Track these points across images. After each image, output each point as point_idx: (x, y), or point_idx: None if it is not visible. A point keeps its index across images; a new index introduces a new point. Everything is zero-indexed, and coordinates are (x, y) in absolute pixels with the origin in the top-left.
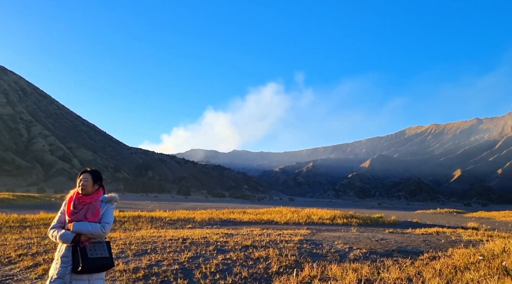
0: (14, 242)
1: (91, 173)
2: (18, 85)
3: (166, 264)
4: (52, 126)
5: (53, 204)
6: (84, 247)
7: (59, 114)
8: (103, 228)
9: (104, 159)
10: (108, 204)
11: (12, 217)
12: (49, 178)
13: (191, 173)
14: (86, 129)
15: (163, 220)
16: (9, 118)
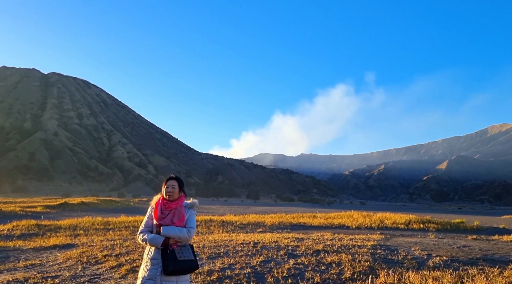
0: (100, 243)
1: (178, 180)
2: (100, 98)
3: (238, 267)
4: (130, 135)
5: (132, 207)
6: (173, 250)
7: (135, 123)
8: (189, 232)
9: (177, 164)
10: (191, 210)
11: (97, 219)
12: (128, 183)
13: (260, 177)
14: (160, 137)
15: (234, 224)
16: (92, 128)
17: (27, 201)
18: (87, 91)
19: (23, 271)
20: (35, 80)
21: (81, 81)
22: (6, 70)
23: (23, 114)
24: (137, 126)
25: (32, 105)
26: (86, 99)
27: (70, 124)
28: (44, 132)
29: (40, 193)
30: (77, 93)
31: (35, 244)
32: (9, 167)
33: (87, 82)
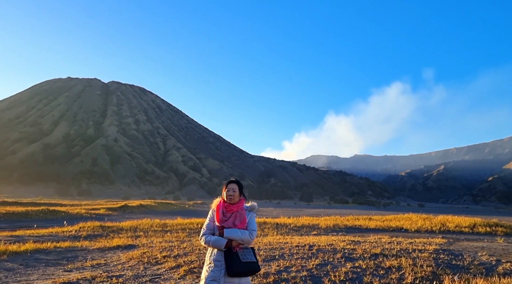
0: (159, 245)
1: (238, 183)
2: (155, 104)
3: (294, 270)
4: (184, 139)
5: (187, 210)
6: (237, 252)
7: (189, 128)
8: (251, 234)
9: (230, 167)
10: (251, 212)
11: (155, 222)
12: (183, 186)
13: (313, 179)
14: (213, 141)
15: (288, 226)
16: (149, 134)
17: (91, 204)
18: (143, 98)
19: (90, 270)
20: (96, 89)
21: (137, 88)
22: (71, 81)
23: (86, 122)
24: (191, 130)
25: (94, 113)
26: (142, 106)
27: (128, 130)
28: (105, 139)
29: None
30: (134, 100)
31: (100, 244)
32: (75, 172)
33: (143, 89)
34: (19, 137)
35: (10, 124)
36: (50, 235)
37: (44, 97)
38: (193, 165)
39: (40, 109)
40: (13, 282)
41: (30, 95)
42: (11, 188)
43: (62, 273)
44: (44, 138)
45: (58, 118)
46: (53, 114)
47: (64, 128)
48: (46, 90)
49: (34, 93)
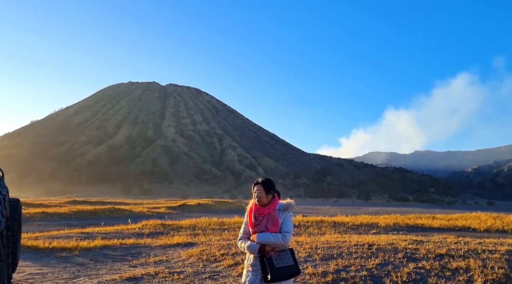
0: (217, 243)
1: (263, 184)
2: (210, 104)
3: (353, 269)
4: (239, 138)
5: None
6: (270, 257)
7: (244, 127)
8: (284, 237)
9: (285, 166)
10: (285, 212)
11: (213, 220)
12: (239, 185)
13: (371, 177)
14: (268, 139)
15: (346, 225)
16: (205, 134)
17: (152, 203)
18: (199, 99)
19: (153, 266)
20: (155, 92)
21: (194, 90)
22: (132, 85)
23: (146, 124)
24: (246, 130)
25: (154, 115)
26: (198, 107)
27: (186, 131)
28: (164, 140)
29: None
30: (190, 101)
31: (161, 241)
32: (137, 172)
33: (199, 90)
34: (86, 140)
35: (78, 128)
36: (116, 232)
37: (108, 102)
38: (248, 164)
39: (105, 113)
40: (84, 276)
41: (95, 100)
42: (81, 187)
43: (127, 268)
44: (109, 141)
45: (120, 121)
46: (116, 117)
47: (126, 130)
48: (109, 95)
49: (99, 98)
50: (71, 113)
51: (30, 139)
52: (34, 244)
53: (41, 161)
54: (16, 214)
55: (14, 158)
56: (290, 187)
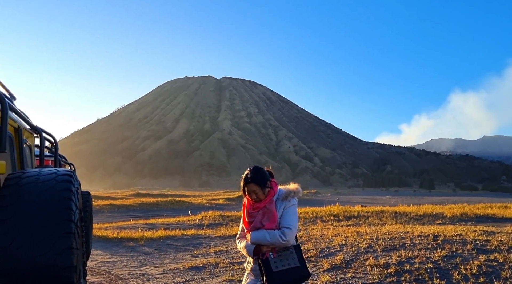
0: None
1: (255, 181)
2: (265, 96)
3: (418, 261)
4: (295, 129)
5: (301, 200)
6: (267, 259)
7: (299, 118)
8: (282, 235)
9: (342, 155)
10: (285, 202)
11: None
12: (296, 176)
13: (434, 165)
14: (324, 129)
15: (408, 215)
16: (261, 126)
17: (211, 194)
18: (254, 91)
19: (214, 256)
20: (210, 86)
21: (248, 82)
22: (188, 80)
23: (203, 118)
24: (301, 120)
25: (210, 108)
26: (253, 99)
27: (242, 123)
28: (220, 133)
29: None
30: (245, 93)
31: (221, 232)
32: (195, 165)
33: (253, 82)
34: (147, 135)
35: (139, 124)
36: (177, 223)
37: (166, 97)
38: (305, 154)
39: (163, 109)
40: (150, 264)
41: (154, 96)
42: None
43: (189, 258)
44: (168, 135)
45: (178, 116)
46: (174, 112)
47: (184, 125)
48: (167, 91)
49: (158, 94)
50: (133, 110)
51: (97, 135)
52: (104, 234)
53: (107, 156)
54: (87, 205)
55: (84, 153)
56: (348, 177)
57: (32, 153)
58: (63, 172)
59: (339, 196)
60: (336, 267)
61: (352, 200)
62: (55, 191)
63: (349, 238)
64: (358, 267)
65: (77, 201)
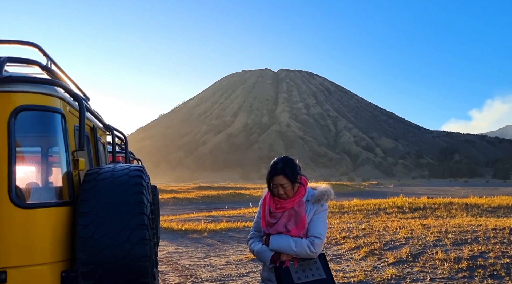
0: (337, 226)
1: (285, 172)
2: (323, 86)
3: (492, 256)
4: (355, 119)
5: (362, 191)
6: (287, 269)
7: (359, 107)
8: (312, 246)
9: (405, 145)
10: (316, 206)
11: (332, 203)
12: (356, 167)
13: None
14: (385, 118)
15: (480, 207)
16: (319, 117)
17: None
18: (311, 82)
19: None
20: (268, 79)
21: (305, 73)
22: (245, 74)
23: (261, 111)
24: (361, 110)
25: (267, 101)
26: (311, 90)
27: (299, 115)
28: (278, 125)
29: None
30: (303, 85)
31: None
32: (254, 158)
33: (311, 73)
34: (207, 129)
35: (199, 118)
36: (239, 216)
37: (224, 92)
38: (365, 145)
39: (222, 103)
40: (214, 256)
41: (213, 91)
42: (205, 174)
43: None
44: (227, 129)
45: (237, 110)
46: (232, 106)
47: (243, 118)
48: (225, 85)
49: (216, 89)
50: (193, 105)
51: (160, 131)
52: (169, 226)
53: (170, 151)
54: (155, 199)
55: (148, 149)
56: (412, 168)
57: (106, 149)
58: (134, 167)
59: (402, 187)
60: (402, 261)
61: (417, 191)
62: (129, 185)
63: (415, 231)
64: (426, 261)
65: (148, 195)
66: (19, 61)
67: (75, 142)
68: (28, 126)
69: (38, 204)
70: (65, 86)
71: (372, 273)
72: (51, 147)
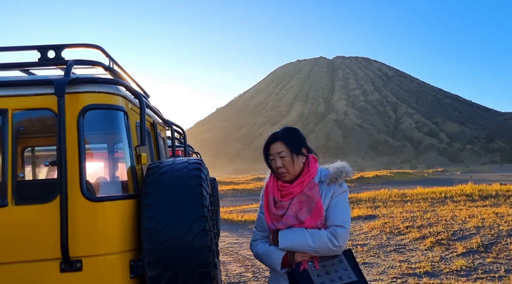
0: (400, 215)
1: (284, 139)
2: (381, 72)
3: None
4: (416, 104)
5: (426, 179)
6: (305, 272)
7: (420, 92)
8: (334, 238)
9: (473, 129)
10: (333, 187)
11: (394, 192)
12: (419, 154)
13: None
14: (450, 102)
15: None
16: (377, 103)
17: None
18: (368, 68)
19: None
20: (323, 67)
21: (362, 59)
22: (300, 63)
23: (317, 100)
24: (422, 94)
25: (323, 90)
26: (368, 76)
27: (357, 102)
28: (335, 114)
29: None
30: (359, 71)
31: None
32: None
33: (367, 59)
34: (263, 121)
35: (255, 110)
36: None
37: (279, 83)
38: (428, 131)
39: (277, 94)
40: None
41: (268, 83)
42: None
43: None
44: (283, 120)
45: (292, 100)
46: (288, 97)
47: (299, 108)
48: (280, 76)
49: (271, 80)
50: (248, 98)
51: (218, 124)
52: (229, 217)
53: (228, 143)
54: (214, 191)
55: (207, 142)
56: (481, 153)
57: (165, 144)
58: (193, 161)
59: (471, 173)
60: (472, 251)
61: (487, 178)
62: (188, 178)
63: (487, 220)
64: (499, 251)
65: (207, 187)
66: (85, 63)
67: (137, 138)
68: (95, 124)
69: (107, 197)
70: (127, 85)
71: (439, 264)
72: (116, 143)
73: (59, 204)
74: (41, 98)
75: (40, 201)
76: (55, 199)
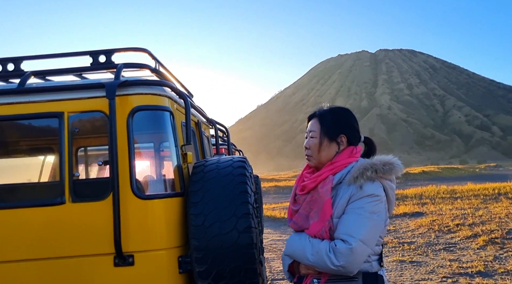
0: (449, 212)
1: (322, 117)
2: (427, 64)
3: None
4: (465, 97)
5: (478, 175)
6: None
7: (470, 83)
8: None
9: None
10: (352, 188)
11: (442, 188)
12: (470, 148)
13: None
14: (503, 93)
15: None
16: (423, 97)
17: None
18: (413, 60)
19: None
20: (365, 61)
21: (406, 52)
22: (341, 58)
23: (360, 94)
24: (473, 86)
25: (366, 84)
26: (413, 69)
27: (401, 96)
28: (379, 108)
29: None
30: (404, 64)
31: None
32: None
33: (412, 51)
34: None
35: (296, 107)
36: None
37: (320, 78)
38: (480, 124)
39: (318, 90)
40: None
41: (309, 78)
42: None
43: None
44: None
45: (334, 95)
46: (329, 92)
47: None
48: (321, 71)
49: (312, 76)
50: (289, 94)
51: (258, 121)
52: (272, 214)
53: (269, 140)
54: (257, 188)
55: (248, 139)
56: None
57: (210, 142)
58: (237, 159)
59: None
60: None
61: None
62: (233, 176)
63: None
64: None
65: (251, 185)
66: (133, 66)
67: (183, 137)
68: (143, 125)
69: (155, 195)
70: (172, 86)
71: (493, 264)
72: (163, 142)
73: (112, 201)
74: (93, 101)
75: (94, 199)
76: (108, 197)
